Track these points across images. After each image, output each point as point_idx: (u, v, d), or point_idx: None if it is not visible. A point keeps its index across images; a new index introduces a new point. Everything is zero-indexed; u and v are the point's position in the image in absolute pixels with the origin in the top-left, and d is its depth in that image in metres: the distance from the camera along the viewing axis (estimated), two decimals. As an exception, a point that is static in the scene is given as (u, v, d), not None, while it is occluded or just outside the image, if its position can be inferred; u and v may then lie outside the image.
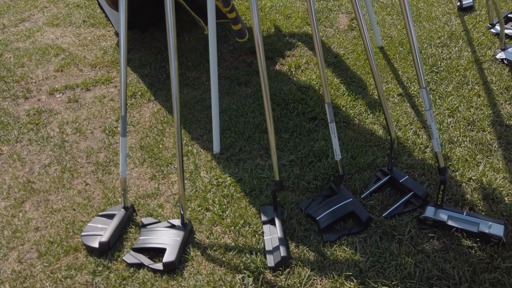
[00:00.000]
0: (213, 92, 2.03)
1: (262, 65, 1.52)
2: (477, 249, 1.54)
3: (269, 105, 1.56)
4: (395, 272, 1.50)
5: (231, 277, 1.56)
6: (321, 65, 1.63)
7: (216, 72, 2.01)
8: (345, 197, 1.75)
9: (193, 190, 1.92)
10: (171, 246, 1.64)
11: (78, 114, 2.49)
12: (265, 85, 1.54)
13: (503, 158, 1.87)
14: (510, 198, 1.70)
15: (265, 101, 1.56)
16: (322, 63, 1.63)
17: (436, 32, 2.73)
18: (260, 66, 1.52)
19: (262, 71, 1.52)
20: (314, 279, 1.53)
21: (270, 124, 1.59)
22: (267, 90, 1.55)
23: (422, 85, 1.52)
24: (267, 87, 1.54)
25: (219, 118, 2.07)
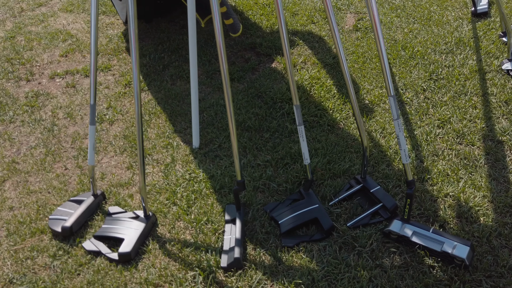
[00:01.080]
0: (192, 87, 2.01)
1: (224, 67, 1.49)
2: (438, 270, 1.46)
3: (231, 106, 1.54)
4: (347, 285, 1.44)
5: (183, 273, 1.55)
6: (289, 66, 1.58)
7: (195, 66, 1.99)
8: (311, 202, 1.70)
9: (165, 183, 1.92)
10: (130, 237, 1.64)
11: (72, 100, 2.54)
12: (226, 86, 1.51)
13: (487, 176, 1.76)
14: (485, 219, 1.60)
15: (227, 102, 1.53)
16: (289, 65, 1.59)
17: (444, 38, 2.61)
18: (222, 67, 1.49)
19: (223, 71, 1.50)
20: (265, 284, 1.49)
21: (232, 126, 1.56)
22: (229, 92, 1.52)
23: (390, 93, 1.45)
24: (229, 90, 1.51)
25: (198, 112, 2.06)
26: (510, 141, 1.88)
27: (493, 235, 1.54)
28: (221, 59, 1.50)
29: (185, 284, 1.51)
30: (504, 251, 1.49)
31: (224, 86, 1.52)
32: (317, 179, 1.84)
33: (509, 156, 1.83)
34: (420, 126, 2.03)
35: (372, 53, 2.58)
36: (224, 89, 1.52)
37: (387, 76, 1.44)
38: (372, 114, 2.15)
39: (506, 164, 1.79)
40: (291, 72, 1.59)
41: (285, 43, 1.55)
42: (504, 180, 1.73)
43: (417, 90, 2.25)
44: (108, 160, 2.10)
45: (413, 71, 2.38)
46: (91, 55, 1.65)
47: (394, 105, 1.45)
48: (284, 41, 1.56)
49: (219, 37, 1.47)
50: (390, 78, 1.44)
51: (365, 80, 2.38)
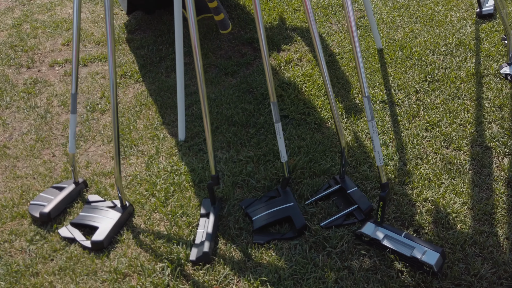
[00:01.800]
0: (178, 80, 2.02)
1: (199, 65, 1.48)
2: (406, 275, 1.43)
3: (205, 99, 1.53)
4: (312, 285, 1.43)
5: (152, 264, 1.56)
6: (266, 62, 1.57)
7: (181, 59, 1.99)
8: (286, 201, 1.69)
9: (146, 174, 1.93)
10: (104, 225, 1.66)
11: (68, 88, 2.58)
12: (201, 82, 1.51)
13: (470, 182, 1.71)
14: (462, 226, 1.56)
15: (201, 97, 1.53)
16: (267, 60, 1.57)
17: (444, 39, 2.54)
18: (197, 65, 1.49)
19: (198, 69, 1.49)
20: (232, 279, 1.49)
21: (206, 122, 1.56)
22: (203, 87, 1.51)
23: (365, 93, 1.42)
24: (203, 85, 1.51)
25: (184, 106, 2.06)
26: (498, 148, 1.83)
27: (467, 243, 1.50)
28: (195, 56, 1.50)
29: (153, 275, 1.52)
30: (477, 260, 1.45)
31: (199, 82, 1.52)
32: (296, 177, 1.82)
33: (496, 163, 1.78)
34: (408, 129, 1.99)
35: (369, 52, 2.53)
36: (199, 83, 1.52)
37: (362, 76, 1.41)
38: (360, 114, 2.11)
39: (491, 171, 1.74)
40: (268, 68, 1.58)
41: (262, 38, 1.54)
42: (487, 187, 1.68)
43: (410, 91, 2.20)
44: (95, 149, 2.13)
45: (409, 72, 2.33)
46: (73, 46, 1.67)
47: (369, 106, 1.42)
48: (261, 36, 1.54)
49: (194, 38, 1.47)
50: (365, 78, 1.41)
51: (357, 79, 2.33)
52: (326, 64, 1.57)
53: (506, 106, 2.03)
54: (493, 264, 1.43)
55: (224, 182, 1.84)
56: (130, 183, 1.90)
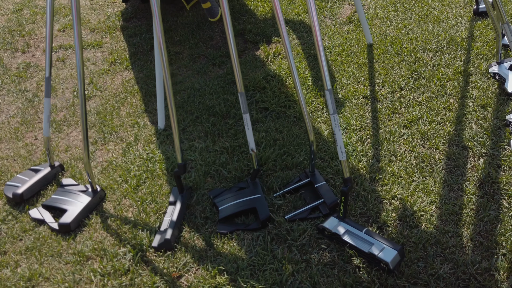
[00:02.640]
0: (157, 69, 2.02)
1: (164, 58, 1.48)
2: (363, 271, 1.42)
3: (170, 88, 1.54)
4: (268, 276, 1.43)
5: (115, 249, 1.58)
6: (233, 53, 1.56)
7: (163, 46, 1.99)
8: (254, 192, 1.69)
9: (122, 161, 1.95)
10: (73, 209, 1.69)
11: (58, 73, 2.61)
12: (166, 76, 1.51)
13: (441, 181, 1.68)
14: (427, 225, 1.54)
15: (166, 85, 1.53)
16: (234, 51, 1.56)
17: (437, 36, 2.49)
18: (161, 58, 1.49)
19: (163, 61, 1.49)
20: (191, 267, 1.50)
21: (172, 110, 1.56)
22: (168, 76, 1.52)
23: (326, 86, 1.40)
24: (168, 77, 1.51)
25: (163, 94, 2.07)
26: (475, 148, 1.79)
27: (430, 242, 1.48)
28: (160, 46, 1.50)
29: (115, 260, 1.54)
30: (437, 259, 1.43)
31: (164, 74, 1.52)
32: (268, 170, 1.82)
33: (471, 163, 1.74)
34: (387, 125, 1.96)
35: (359, 47, 2.50)
36: (164, 75, 1.53)
37: (324, 70, 1.39)
38: (341, 109, 2.09)
39: (465, 171, 1.71)
40: (235, 58, 1.57)
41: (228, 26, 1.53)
42: (458, 187, 1.65)
43: (394, 88, 2.17)
44: (76, 134, 2.16)
45: (396, 68, 2.29)
46: (47, 29, 1.69)
47: (331, 100, 1.41)
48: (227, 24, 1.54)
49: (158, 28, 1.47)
50: (327, 72, 1.39)
51: (344, 74, 2.31)
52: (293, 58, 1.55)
53: (490, 106, 1.98)
54: (453, 265, 1.41)
55: (197, 172, 1.85)
56: (105, 169, 1.93)
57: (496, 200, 1.59)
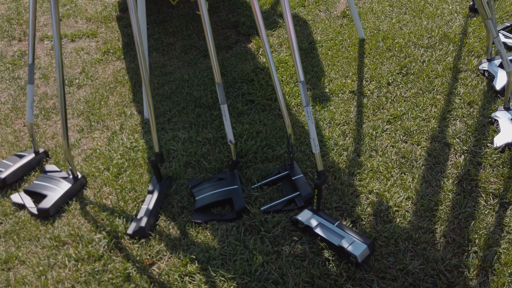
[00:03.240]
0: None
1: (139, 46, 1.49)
2: (332, 264, 1.42)
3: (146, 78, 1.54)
4: (238, 266, 1.44)
5: (92, 235, 1.60)
6: (210, 44, 1.56)
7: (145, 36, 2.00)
8: (231, 183, 1.70)
9: (106, 149, 1.97)
10: (53, 194, 1.71)
11: (52, 62, 2.64)
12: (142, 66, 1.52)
13: (420, 177, 1.67)
14: (401, 220, 1.53)
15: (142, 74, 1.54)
16: (211, 42, 1.56)
17: (430, 31, 2.46)
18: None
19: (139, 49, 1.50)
20: (164, 255, 1.52)
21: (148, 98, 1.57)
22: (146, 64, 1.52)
23: (300, 78, 1.40)
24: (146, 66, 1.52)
25: (149, 84, 2.08)
26: (457, 145, 1.77)
27: (402, 237, 1.47)
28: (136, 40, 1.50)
29: (90, 246, 1.56)
30: (408, 255, 1.42)
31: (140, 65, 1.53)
32: (248, 161, 1.82)
33: (452, 160, 1.72)
34: (371, 120, 1.95)
35: (351, 42, 2.48)
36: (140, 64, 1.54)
37: (297, 62, 1.39)
38: (326, 103, 2.08)
39: (444, 168, 1.69)
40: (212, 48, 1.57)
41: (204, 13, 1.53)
42: (436, 184, 1.64)
43: (382, 83, 2.15)
44: (64, 121, 2.18)
45: (385, 63, 2.27)
46: (29, 17, 1.71)
47: (304, 92, 1.40)
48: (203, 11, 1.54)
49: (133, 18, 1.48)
50: (300, 64, 1.39)
51: (333, 68, 2.30)
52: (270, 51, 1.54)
53: (476, 103, 1.95)
54: (423, 261, 1.40)
55: (178, 161, 1.86)
56: (89, 156, 1.95)
57: (473, 198, 1.57)
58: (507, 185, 1.59)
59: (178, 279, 1.42)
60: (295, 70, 2.29)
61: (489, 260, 1.38)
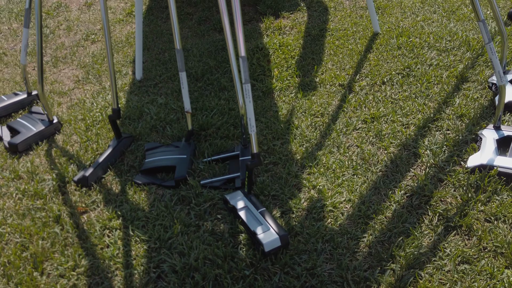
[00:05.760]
0: (137, 24, 2.09)
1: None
2: (243, 248, 1.39)
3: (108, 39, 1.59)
4: (155, 231, 1.46)
5: (44, 175, 1.71)
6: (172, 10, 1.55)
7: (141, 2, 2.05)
8: (182, 152, 1.71)
9: (90, 101, 2.07)
10: (25, 132, 1.85)
11: (80, 17, 2.80)
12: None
13: (370, 183, 1.55)
14: (332, 222, 1.44)
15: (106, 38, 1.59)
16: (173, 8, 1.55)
17: (452, 35, 2.23)
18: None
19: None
20: (97, 206, 1.58)
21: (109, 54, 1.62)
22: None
23: (241, 53, 1.35)
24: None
25: (142, 47, 2.14)
26: (426, 157, 1.62)
27: (324, 238, 1.39)
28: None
29: (39, 184, 1.67)
30: (322, 257, 1.34)
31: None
32: (208, 135, 1.82)
33: (413, 171, 1.58)
34: (347, 117, 1.84)
35: (363, 34, 2.34)
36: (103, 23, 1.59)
37: (239, 36, 1.34)
38: (310, 92, 2.00)
39: (401, 178, 1.56)
40: (174, 15, 1.57)
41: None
42: (385, 193, 1.52)
43: (376, 81, 2.01)
44: (68, 71, 2.33)
45: (389, 62, 2.12)
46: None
47: (243, 68, 1.36)
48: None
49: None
50: (242, 38, 1.34)
51: (332, 59, 2.19)
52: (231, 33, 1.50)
53: (468, 117, 1.76)
54: (336, 266, 1.32)
55: (145, 124, 1.90)
56: (73, 105, 2.07)
57: (418, 214, 1.44)
58: (460, 208, 1.43)
59: (98, 230, 1.48)
60: (293, 54, 2.23)
61: (404, 281, 1.27)
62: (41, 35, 1.73)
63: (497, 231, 1.35)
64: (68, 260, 1.39)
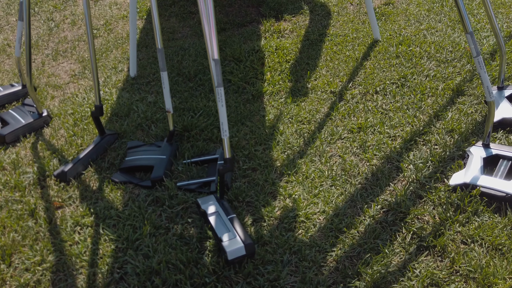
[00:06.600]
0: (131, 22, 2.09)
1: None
2: (209, 255, 1.37)
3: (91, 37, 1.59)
4: (122, 232, 1.45)
5: (26, 168, 1.73)
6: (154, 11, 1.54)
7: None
8: (162, 153, 1.70)
9: (82, 96, 2.09)
10: (14, 124, 1.88)
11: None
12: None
13: (348, 195, 1.51)
14: (302, 233, 1.41)
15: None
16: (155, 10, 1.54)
17: (455, 45, 2.15)
18: None
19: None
20: (73, 202, 1.59)
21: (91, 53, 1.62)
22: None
23: (214, 56, 1.33)
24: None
25: (136, 44, 2.14)
26: (409, 172, 1.56)
27: (292, 249, 1.36)
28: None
29: (20, 176, 1.69)
30: (288, 269, 1.31)
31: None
32: (191, 137, 1.81)
33: (392, 186, 1.53)
34: (334, 125, 1.80)
35: (363, 41, 2.28)
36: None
37: (213, 39, 1.32)
38: (299, 98, 1.96)
39: (380, 192, 1.51)
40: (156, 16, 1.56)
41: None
42: (360, 206, 1.47)
43: (369, 89, 1.96)
44: (66, 65, 2.35)
45: (385, 70, 2.06)
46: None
47: (216, 71, 1.34)
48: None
49: None
50: (216, 41, 1.32)
51: (328, 65, 2.14)
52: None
53: (459, 132, 1.69)
54: (300, 279, 1.29)
55: (131, 122, 1.91)
56: (66, 99, 2.09)
57: (392, 231, 1.39)
58: (436, 227, 1.37)
59: (69, 227, 1.49)
60: (287, 58, 2.20)
61: (367, 300, 1.23)
62: (29, 28, 1.75)
63: (472, 255, 1.29)
64: (35, 254, 1.40)
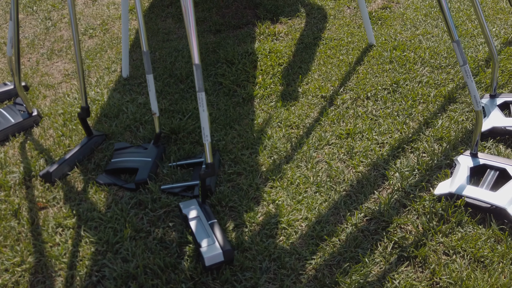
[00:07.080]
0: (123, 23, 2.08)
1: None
2: (187, 260, 1.36)
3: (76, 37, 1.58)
4: (103, 234, 1.44)
5: (15, 168, 1.73)
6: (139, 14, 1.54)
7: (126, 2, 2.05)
8: (148, 155, 1.70)
9: (73, 97, 2.09)
10: (3, 123, 1.88)
11: (84, 11, 2.84)
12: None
13: (332, 202, 1.49)
14: (283, 239, 1.39)
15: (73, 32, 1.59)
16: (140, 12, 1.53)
17: (450, 51, 2.13)
18: None
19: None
20: (57, 203, 1.59)
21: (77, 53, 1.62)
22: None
23: (195, 61, 1.32)
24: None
25: (128, 45, 2.14)
26: (394, 180, 1.54)
27: (272, 256, 1.35)
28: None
29: (6, 175, 1.69)
30: (266, 276, 1.30)
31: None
32: (178, 140, 1.80)
33: (376, 193, 1.51)
34: (322, 131, 1.78)
35: (357, 45, 2.26)
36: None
37: (193, 44, 1.31)
38: (289, 102, 1.95)
39: (364, 200, 1.49)
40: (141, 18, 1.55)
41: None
42: (344, 214, 1.46)
43: (360, 95, 1.94)
44: (60, 64, 2.36)
45: (378, 76, 2.04)
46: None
47: (197, 76, 1.33)
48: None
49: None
50: (196, 46, 1.31)
51: (320, 69, 2.12)
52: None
53: (448, 140, 1.67)
54: (277, 286, 1.28)
55: (120, 123, 1.90)
56: (57, 99, 2.09)
57: (373, 240, 1.37)
58: (418, 238, 1.35)
59: (51, 228, 1.49)
60: (280, 62, 2.18)
61: (344, 311, 1.21)
62: (17, 27, 1.75)
63: (453, 266, 1.27)
64: (16, 255, 1.40)
